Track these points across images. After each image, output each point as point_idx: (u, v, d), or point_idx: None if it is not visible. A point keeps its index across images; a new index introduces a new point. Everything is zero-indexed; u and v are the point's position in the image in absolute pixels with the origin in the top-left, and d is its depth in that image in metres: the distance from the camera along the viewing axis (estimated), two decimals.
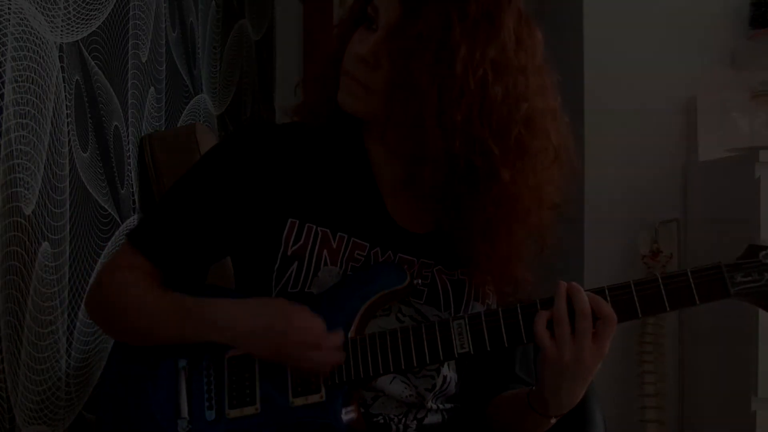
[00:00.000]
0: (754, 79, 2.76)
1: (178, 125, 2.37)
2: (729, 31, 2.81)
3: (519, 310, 1.18)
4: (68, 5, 1.57)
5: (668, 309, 1.16)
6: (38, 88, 1.44)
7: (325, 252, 1.26)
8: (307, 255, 1.25)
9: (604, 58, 2.83)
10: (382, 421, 1.28)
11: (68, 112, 1.57)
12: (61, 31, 1.54)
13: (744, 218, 2.38)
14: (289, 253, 1.25)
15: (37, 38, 1.43)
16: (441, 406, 1.33)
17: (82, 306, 1.60)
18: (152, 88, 2.12)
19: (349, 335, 1.21)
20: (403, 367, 1.20)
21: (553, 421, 1.25)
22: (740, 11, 2.79)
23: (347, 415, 1.21)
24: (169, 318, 1.24)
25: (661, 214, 2.79)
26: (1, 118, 1.32)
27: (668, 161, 2.81)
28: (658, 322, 2.72)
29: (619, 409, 2.69)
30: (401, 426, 1.29)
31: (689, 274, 1.16)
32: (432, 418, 1.32)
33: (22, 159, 1.39)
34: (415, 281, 1.27)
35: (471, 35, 1.16)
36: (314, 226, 1.26)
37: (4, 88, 1.33)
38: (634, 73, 2.77)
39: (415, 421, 1.30)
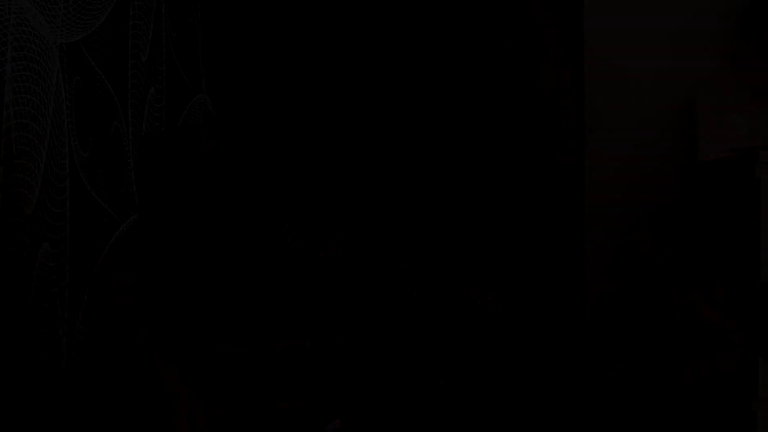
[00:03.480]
0: (754, 79, 2.75)
1: (178, 125, 2.37)
2: (729, 31, 2.80)
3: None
4: (68, 5, 1.57)
5: None
6: (38, 88, 1.44)
7: (320, 255, 1.26)
8: (302, 258, 1.26)
9: (603, 58, 2.82)
10: None
11: (68, 112, 1.57)
12: (62, 31, 1.54)
13: (744, 218, 2.37)
14: (285, 254, 1.26)
15: (37, 38, 1.43)
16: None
17: (83, 306, 1.60)
18: (152, 88, 2.12)
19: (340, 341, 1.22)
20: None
21: None
22: (740, 11, 2.79)
23: (333, 422, 1.22)
24: None
25: (661, 214, 2.79)
26: (1, 118, 1.32)
27: (668, 161, 2.81)
28: None
29: None
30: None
31: None
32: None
33: (22, 159, 1.39)
34: None
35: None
36: (310, 229, 1.27)
37: (4, 88, 1.33)
38: (633, 73, 2.77)
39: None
